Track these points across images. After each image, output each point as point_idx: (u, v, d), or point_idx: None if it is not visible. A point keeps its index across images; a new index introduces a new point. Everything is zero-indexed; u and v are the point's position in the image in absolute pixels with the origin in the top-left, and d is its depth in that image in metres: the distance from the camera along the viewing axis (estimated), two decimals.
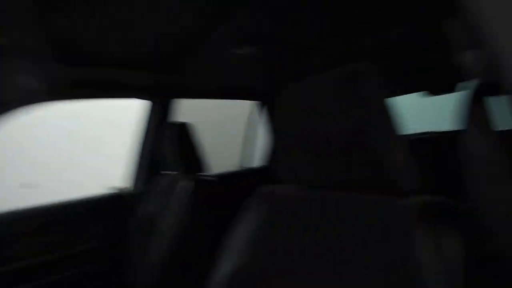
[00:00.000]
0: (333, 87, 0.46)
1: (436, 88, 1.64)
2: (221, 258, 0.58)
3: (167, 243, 0.95)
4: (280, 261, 0.51)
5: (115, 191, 1.46)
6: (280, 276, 0.50)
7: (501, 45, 0.27)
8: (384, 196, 0.44)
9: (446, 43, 0.43)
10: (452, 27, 0.37)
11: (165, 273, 0.93)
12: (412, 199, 0.41)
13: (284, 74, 1.55)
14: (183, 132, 1.13)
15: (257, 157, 2.12)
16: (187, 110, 1.80)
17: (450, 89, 1.49)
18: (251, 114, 2.08)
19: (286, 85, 0.55)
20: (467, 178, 0.35)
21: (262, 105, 2.01)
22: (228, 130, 2.50)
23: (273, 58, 1.32)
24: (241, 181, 1.45)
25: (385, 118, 0.43)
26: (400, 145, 0.43)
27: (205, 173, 1.13)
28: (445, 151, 1.38)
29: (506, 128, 0.37)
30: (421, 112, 2.23)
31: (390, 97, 0.45)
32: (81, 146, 3.38)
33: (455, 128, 0.44)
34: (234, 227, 0.60)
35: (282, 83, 0.50)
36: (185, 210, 0.97)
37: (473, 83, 0.36)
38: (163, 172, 1.47)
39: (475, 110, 0.35)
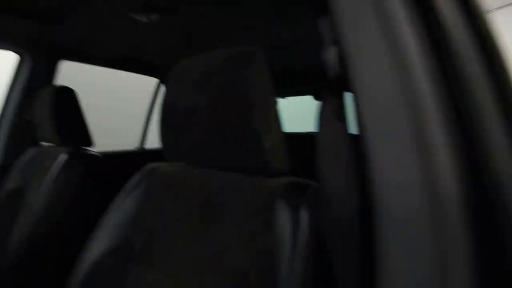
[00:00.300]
0: (223, 65, 0.46)
1: (319, 93, 1.91)
2: (91, 239, 0.55)
3: (34, 224, 0.81)
4: (152, 237, 0.51)
5: None
6: (149, 252, 0.50)
7: (347, 43, 0.31)
8: (257, 176, 0.47)
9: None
10: (323, 26, 0.42)
11: (29, 258, 0.79)
12: (280, 180, 0.45)
13: (183, 51, 1.49)
14: (65, 98, 0.96)
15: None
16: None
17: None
18: (155, 92, 1.97)
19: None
20: (319, 162, 0.39)
21: (160, 82, 1.92)
22: (129, 110, 2.28)
23: (172, 32, 1.24)
24: (131, 162, 1.36)
25: (268, 103, 0.45)
26: (277, 132, 0.46)
27: (87, 148, 0.99)
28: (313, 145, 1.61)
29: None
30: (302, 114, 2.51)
31: (275, 92, 0.47)
32: None
33: None
34: (111, 205, 0.57)
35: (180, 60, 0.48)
36: (58, 188, 0.84)
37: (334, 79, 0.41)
38: (36, 143, 1.25)
39: (331, 102, 0.39)
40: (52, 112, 0.92)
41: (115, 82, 2.25)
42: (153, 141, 1.94)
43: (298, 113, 2.55)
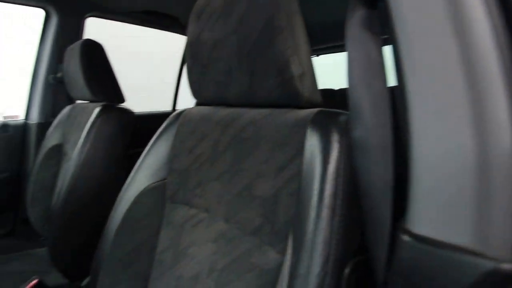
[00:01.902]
0: None
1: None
2: (129, 181, 0.57)
3: (74, 175, 0.85)
4: (185, 176, 0.53)
5: (8, 120, 1.25)
6: (183, 191, 0.53)
7: None
8: (287, 109, 0.45)
9: None
10: None
11: (71, 205, 0.84)
12: (310, 110, 0.43)
13: None
14: (93, 52, 0.94)
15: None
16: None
17: None
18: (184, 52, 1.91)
19: None
20: (349, 91, 0.35)
21: None
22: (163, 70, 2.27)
23: None
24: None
25: (295, 25, 0.42)
26: (306, 56, 0.43)
27: (122, 105, 0.99)
28: None
29: None
30: None
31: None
32: None
33: None
34: (146, 148, 0.59)
35: None
36: (94, 142, 0.85)
37: None
38: (72, 101, 1.28)
39: (361, 12, 0.34)
40: (82, 68, 0.91)
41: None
42: (184, 105, 1.94)
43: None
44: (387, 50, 0.30)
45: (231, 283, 0.42)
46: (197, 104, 0.60)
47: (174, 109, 1.97)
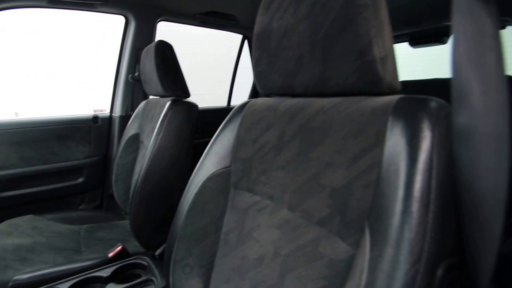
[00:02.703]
0: None
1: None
2: (198, 167, 0.62)
3: (149, 161, 0.98)
4: (249, 164, 0.54)
5: (98, 113, 1.48)
6: (247, 179, 0.54)
7: None
8: (359, 97, 0.42)
9: None
10: None
11: (147, 187, 0.98)
12: (391, 96, 0.40)
13: None
14: (165, 52, 1.06)
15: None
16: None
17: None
18: (240, 49, 1.99)
19: None
20: (452, 70, 0.30)
21: (244, 38, 1.90)
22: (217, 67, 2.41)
23: None
24: (221, 116, 1.46)
25: (378, 3, 0.39)
26: (388, 39, 0.39)
27: (188, 99, 1.10)
28: None
29: None
30: None
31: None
32: None
33: None
34: (213, 137, 0.62)
35: None
36: (165, 132, 0.97)
37: None
38: (146, 96, 1.45)
39: None
40: (156, 66, 1.04)
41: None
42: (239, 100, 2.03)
43: None
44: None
45: (298, 269, 0.41)
46: (262, 95, 0.61)
47: (229, 104, 2.08)
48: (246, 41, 1.96)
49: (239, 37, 1.95)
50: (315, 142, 0.44)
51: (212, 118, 1.81)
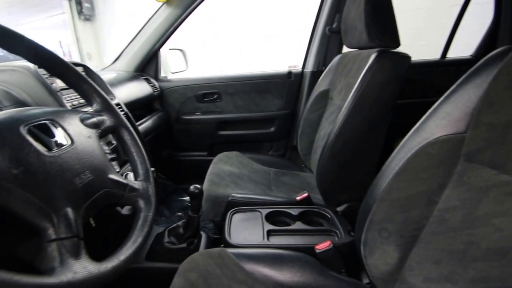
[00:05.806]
0: None
1: None
2: (414, 130, 0.55)
3: (340, 122, 0.93)
4: (496, 132, 0.45)
5: (292, 69, 1.58)
6: (492, 150, 0.45)
7: None
8: None
9: None
10: None
11: (337, 148, 0.95)
12: None
13: None
14: None
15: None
16: None
17: None
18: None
19: None
20: None
21: None
22: None
23: None
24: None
25: None
26: None
27: (397, 50, 0.93)
28: None
29: None
30: None
31: None
32: None
33: None
34: (445, 94, 0.53)
35: None
36: (364, 89, 0.86)
37: None
38: (340, 51, 1.38)
39: None
40: (365, 12, 0.91)
41: None
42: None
43: None
44: None
45: None
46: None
47: (443, 56, 1.64)
48: None
49: None
50: None
51: (420, 75, 1.53)
